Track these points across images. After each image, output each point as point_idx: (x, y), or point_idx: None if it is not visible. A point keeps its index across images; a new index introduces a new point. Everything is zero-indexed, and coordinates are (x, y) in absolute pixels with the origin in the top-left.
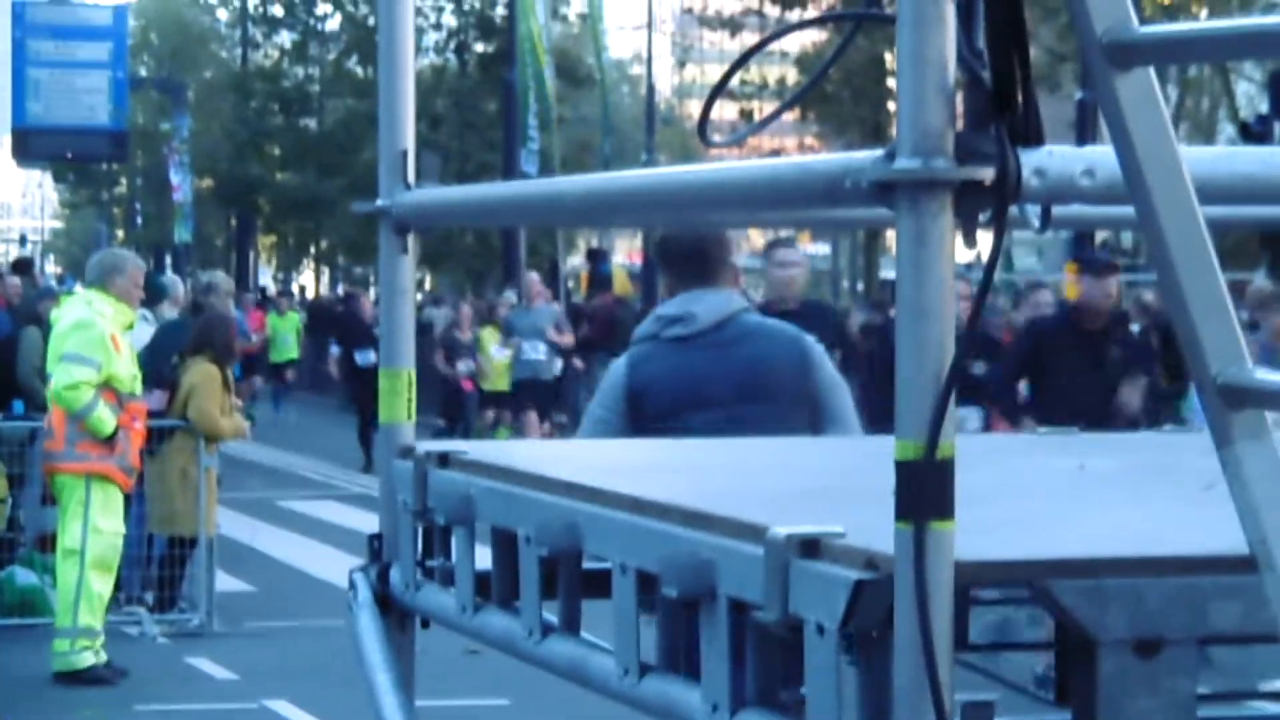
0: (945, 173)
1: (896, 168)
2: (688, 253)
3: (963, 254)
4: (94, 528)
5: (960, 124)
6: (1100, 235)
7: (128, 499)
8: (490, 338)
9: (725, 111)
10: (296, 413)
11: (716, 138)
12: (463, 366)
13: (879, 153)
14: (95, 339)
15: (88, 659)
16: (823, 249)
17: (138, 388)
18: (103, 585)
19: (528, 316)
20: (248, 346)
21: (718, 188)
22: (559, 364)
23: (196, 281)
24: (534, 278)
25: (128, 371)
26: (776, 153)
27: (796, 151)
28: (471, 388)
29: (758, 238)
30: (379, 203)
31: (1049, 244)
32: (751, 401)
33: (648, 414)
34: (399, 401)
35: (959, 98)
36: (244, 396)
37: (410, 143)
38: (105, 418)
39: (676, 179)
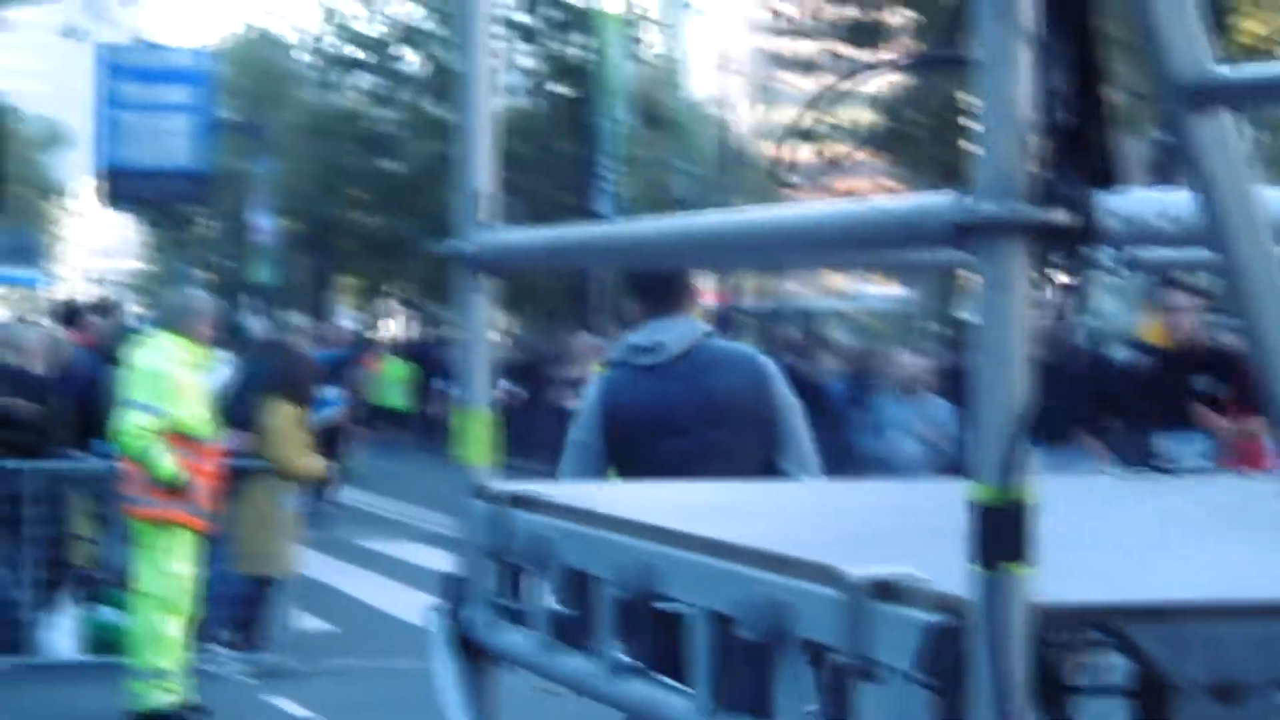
0: (1022, 215)
1: (974, 210)
2: (654, 282)
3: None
4: (164, 571)
5: (1038, 166)
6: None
7: (209, 539)
8: None
9: (802, 152)
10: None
11: (791, 179)
12: None
13: (956, 195)
14: (161, 383)
15: (159, 699)
16: (904, 291)
17: (211, 431)
18: (173, 627)
19: None
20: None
21: (794, 230)
22: None
23: (277, 322)
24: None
25: (198, 415)
26: (854, 194)
27: (874, 192)
28: None
29: (838, 280)
30: (454, 244)
31: (1127, 285)
32: (716, 426)
33: (620, 437)
34: (476, 442)
35: (1037, 140)
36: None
37: (486, 184)
38: (165, 463)
39: (752, 222)
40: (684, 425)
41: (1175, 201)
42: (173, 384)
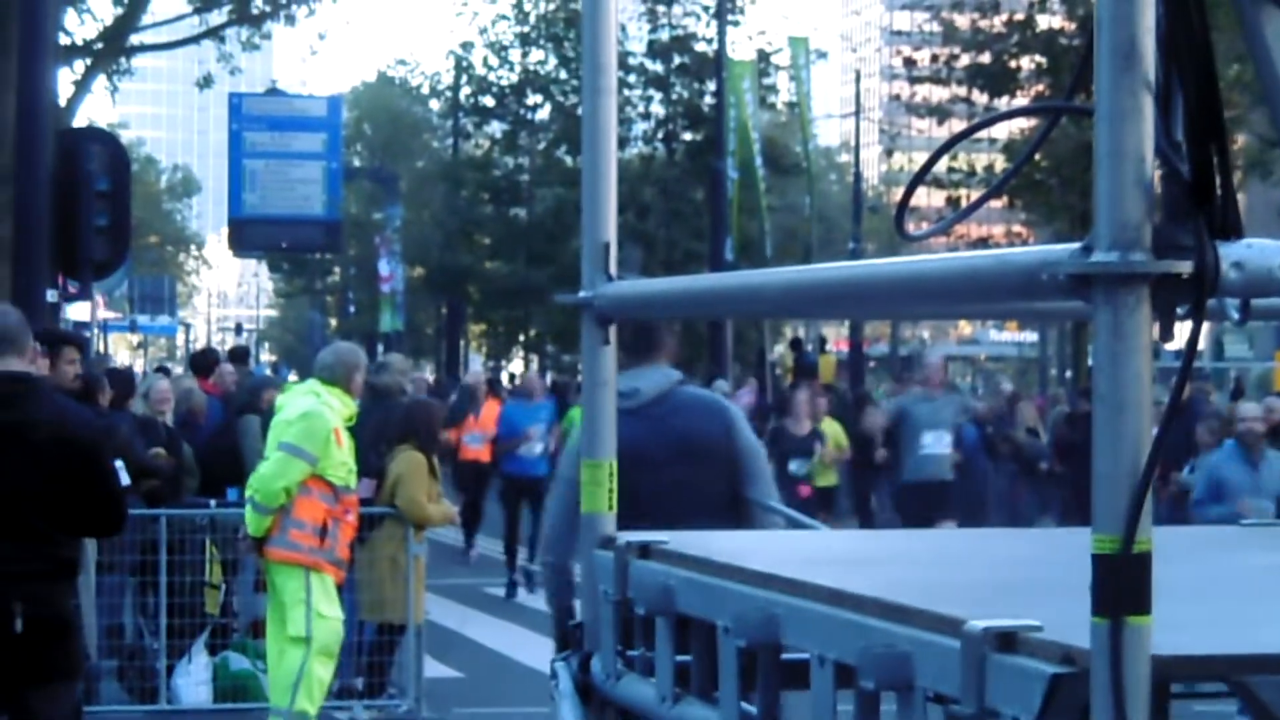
0: (1142, 266)
1: (1093, 261)
2: (635, 332)
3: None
4: (318, 614)
5: (1158, 217)
6: None
7: (339, 587)
8: (830, 431)
9: (933, 199)
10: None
11: (912, 229)
12: (795, 466)
13: (1076, 246)
14: (319, 431)
15: None
16: (1030, 337)
17: (353, 481)
18: (324, 672)
19: None
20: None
21: (916, 281)
22: None
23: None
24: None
25: (345, 465)
26: (984, 240)
27: (1004, 240)
28: (810, 493)
29: (965, 326)
30: (581, 294)
31: (1259, 331)
32: (687, 464)
33: None
34: (600, 492)
35: (1157, 190)
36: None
37: (612, 235)
38: (258, 519)
39: (874, 272)
40: (659, 462)
41: None
42: (326, 431)
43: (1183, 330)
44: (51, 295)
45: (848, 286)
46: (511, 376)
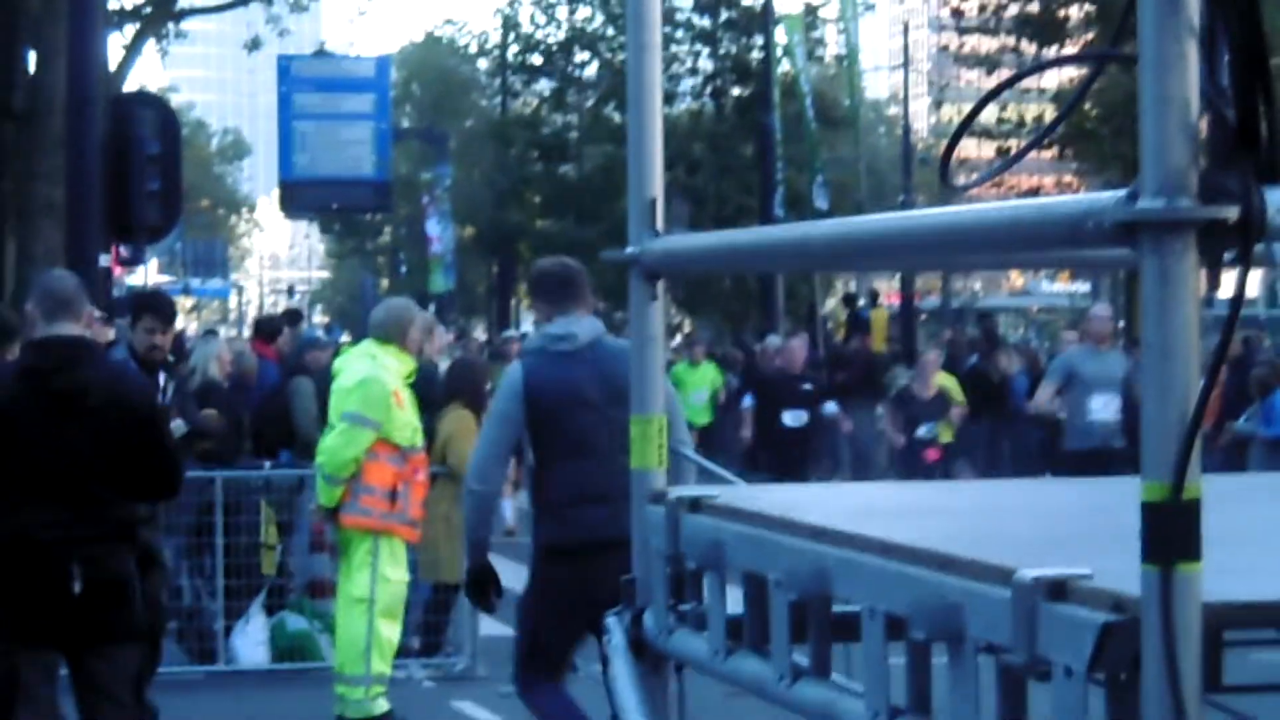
0: (1189, 213)
1: (1139, 208)
2: (558, 283)
3: (1223, 290)
4: (382, 577)
5: (1204, 162)
6: None
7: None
8: (949, 385)
9: (983, 150)
10: None
11: (960, 180)
12: (924, 430)
13: (1121, 193)
14: (379, 397)
15: (382, 705)
16: (1083, 287)
17: (419, 440)
18: (391, 632)
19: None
20: None
21: (962, 231)
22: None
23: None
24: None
25: (409, 425)
26: (1035, 191)
27: (1054, 190)
28: (938, 456)
29: (1017, 277)
30: (629, 250)
31: None
32: (616, 405)
33: (540, 411)
34: (650, 447)
35: (1202, 136)
36: None
37: (659, 191)
38: (328, 491)
39: (921, 222)
40: (593, 402)
41: None
42: (386, 395)
43: (1230, 277)
44: (104, 260)
45: (893, 238)
46: None
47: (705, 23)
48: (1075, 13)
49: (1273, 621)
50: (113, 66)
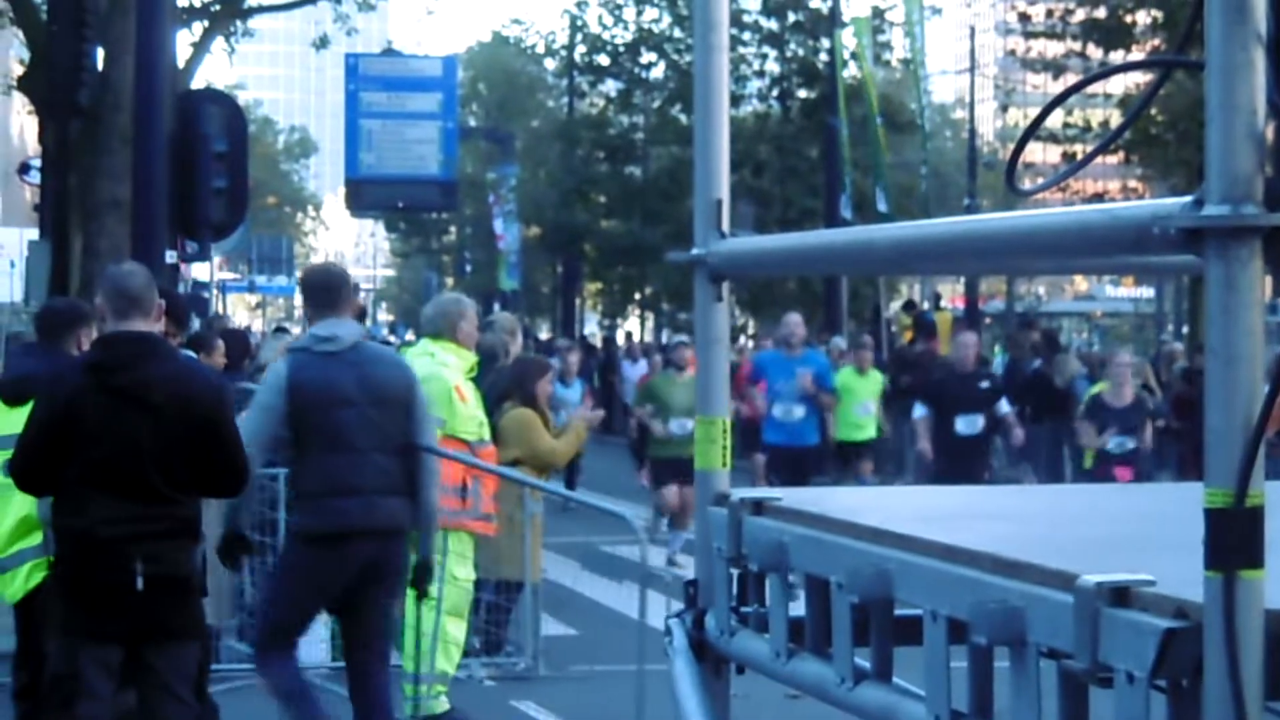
0: (1254, 219)
1: (1205, 215)
2: (320, 288)
3: None
4: (450, 576)
5: (1270, 169)
6: None
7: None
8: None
9: (1049, 155)
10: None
11: (1026, 185)
12: (1114, 445)
13: (1187, 199)
14: (440, 394)
15: (444, 703)
16: (1147, 292)
17: (486, 433)
18: (458, 631)
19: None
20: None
21: (1028, 236)
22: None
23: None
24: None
25: (473, 419)
26: (1100, 196)
27: (1120, 195)
28: (1131, 476)
29: (1080, 282)
30: (694, 252)
31: None
32: (376, 407)
33: (302, 406)
34: (714, 449)
35: (1269, 143)
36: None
37: (725, 192)
38: None
39: (984, 227)
40: (352, 400)
41: None
42: (447, 391)
43: None
44: (170, 256)
45: (958, 241)
46: (628, 335)
47: (773, 25)
48: (1142, 18)
49: None
50: (180, 64)
